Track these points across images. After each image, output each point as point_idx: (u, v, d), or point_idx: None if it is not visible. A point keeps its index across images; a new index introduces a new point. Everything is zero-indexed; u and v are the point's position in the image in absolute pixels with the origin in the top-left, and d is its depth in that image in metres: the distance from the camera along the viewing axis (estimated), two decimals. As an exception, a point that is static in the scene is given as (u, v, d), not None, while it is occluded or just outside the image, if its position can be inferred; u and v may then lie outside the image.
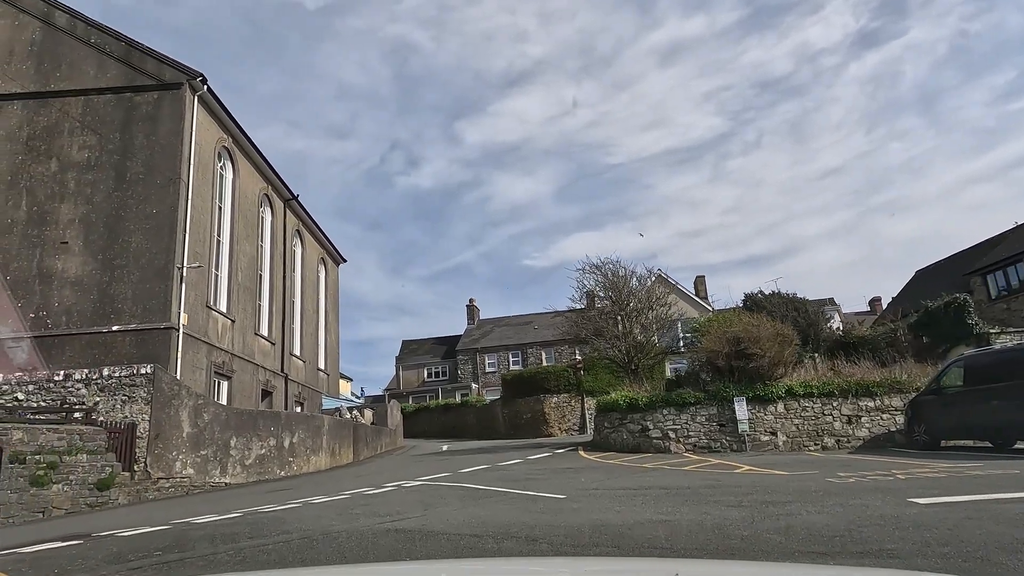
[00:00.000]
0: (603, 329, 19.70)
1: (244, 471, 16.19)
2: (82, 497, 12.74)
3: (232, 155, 22.34)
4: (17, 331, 16.72)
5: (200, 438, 15.61)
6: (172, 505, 12.09)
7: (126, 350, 16.96)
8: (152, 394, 15.41)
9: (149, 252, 17.77)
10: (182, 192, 18.37)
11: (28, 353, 16.32)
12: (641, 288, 19.35)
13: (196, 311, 18.72)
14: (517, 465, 14.58)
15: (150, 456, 14.99)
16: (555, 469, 13.18)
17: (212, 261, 20.20)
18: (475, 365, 51.03)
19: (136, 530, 8.12)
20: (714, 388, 16.51)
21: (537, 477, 11.72)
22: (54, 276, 17.58)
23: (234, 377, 20.84)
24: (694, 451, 16.24)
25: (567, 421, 29.56)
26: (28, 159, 18.54)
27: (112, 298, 17.41)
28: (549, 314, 55.32)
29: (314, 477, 16.09)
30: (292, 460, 17.42)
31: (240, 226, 22.54)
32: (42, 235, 17.91)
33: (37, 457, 12.30)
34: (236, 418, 16.38)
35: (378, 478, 13.97)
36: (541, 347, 50.54)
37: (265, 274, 25.18)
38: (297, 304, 28.61)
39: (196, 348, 18.44)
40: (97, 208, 18.12)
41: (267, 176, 25.33)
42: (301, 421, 18.04)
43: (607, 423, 17.77)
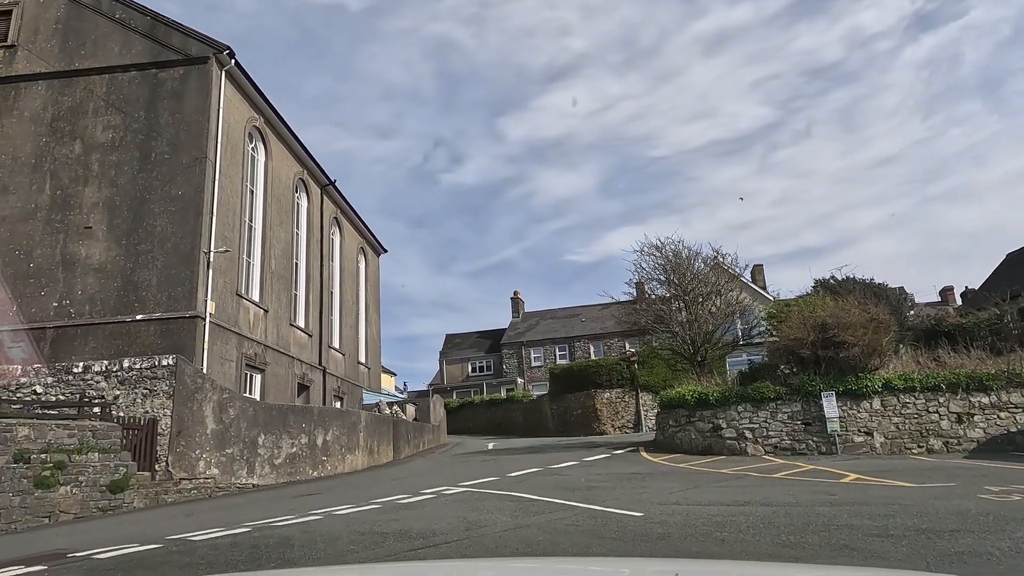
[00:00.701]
0: (664, 317, 17.73)
1: (273, 471, 14.89)
2: (93, 500, 11.55)
3: (264, 136, 21.16)
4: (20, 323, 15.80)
5: (225, 435, 14.36)
6: (185, 512, 10.76)
7: (150, 340, 15.86)
8: (174, 387, 14.22)
9: (174, 236, 16.64)
10: (209, 172, 17.19)
11: (28, 346, 15.37)
12: (708, 270, 17.29)
13: (225, 299, 17.55)
14: (574, 469, 12.82)
15: (172, 455, 13.79)
16: (619, 475, 11.37)
17: (242, 247, 19.02)
18: (520, 359, 49.38)
19: (120, 549, 6.70)
20: (797, 381, 14.41)
21: (600, 485, 9.94)
22: (77, 263, 16.62)
23: (267, 370, 19.67)
24: (775, 453, 14.19)
25: (620, 418, 27.62)
26: (52, 141, 17.66)
27: (136, 285, 16.35)
28: (597, 306, 53.38)
29: (348, 479, 14.67)
30: (326, 459, 16.06)
31: (273, 211, 21.36)
32: (65, 220, 16.98)
33: (43, 456, 11.15)
34: (265, 414, 15.09)
35: (416, 481, 12.41)
36: (589, 340, 48.54)
37: (301, 262, 24.01)
38: (336, 295, 27.43)
39: (225, 339, 17.26)
40: (121, 191, 17.10)
41: (302, 160, 24.14)
42: (335, 417, 16.67)
43: (672, 421, 15.84)
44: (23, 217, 17.05)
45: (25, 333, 16.10)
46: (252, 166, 20.68)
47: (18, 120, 17.89)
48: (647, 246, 18.07)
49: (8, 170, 17.49)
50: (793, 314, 15.26)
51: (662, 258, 17.93)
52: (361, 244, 31.54)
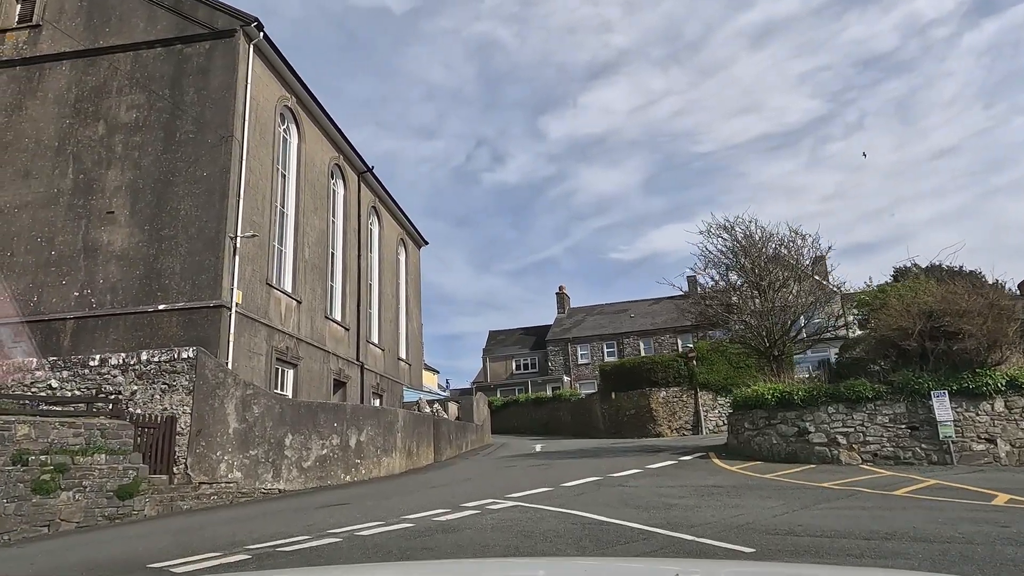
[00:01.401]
0: (737, 306, 15.72)
1: (302, 475, 13.54)
2: (98, 507, 10.34)
3: (296, 117, 19.96)
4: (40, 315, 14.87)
5: (249, 435, 13.07)
6: (197, 523, 9.42)
7: (172, 332, 14.73)
8: (194, 382, 12.99)
9: (199, 220, 15.49)
10: (235, 152, 16.00)
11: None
12: (786, 252, 15.18)
13: (254, 288, 16.34)
14: (639, 479, 11.04)
15: (191, 456, 12.55)
16: (696, 487, 9.54)
17: (273, 233, 17.82)
18: (566, 356, 47.51)
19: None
20: (900, 378, 12.29)
21: (679, 502, 8.15)
22: (99, 250, 15.64)
23: (300, 365, 18.43)
24: (874, 462, 12.10)
25: (678, 419, 25.57)
26: (76, 123, 16.76)
27: (159, 273, 15.25)
28: (646, 301, 51.17)
29: (383, 485, 13.21)
30: (359, 462, 14.65)
31: (307, 197, 20.15)
32: (88, 205, 16.03)
33: (44, 458, 9.97)
34: (292, 412, 13.76)
35: (458, 491, 10.83)
36: (639, 336, 46.35)
37: (337, 252, 22.78)
38: (374, 287, 26.18)
39: (253, 330, 16.05)
40: (145, 173, 16.05)
41: (338, 144, 22.91)
42: (370, 416, 15.26)
43: (748, 424, 13.86)
44: (45, 203, 16.18)
45: (44, 325, 15.18)
46: (284, 149, 19.50)
47: (42, 102, 17.07)
48: (714, 226, 16.10)
49: (31, 154, 16.66)
50: (891, 301, 13.11)
51: (731, 240, 15.94)
52: (401, 235, 30.26)
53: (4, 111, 17.11)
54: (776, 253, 15.50)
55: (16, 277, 15.70)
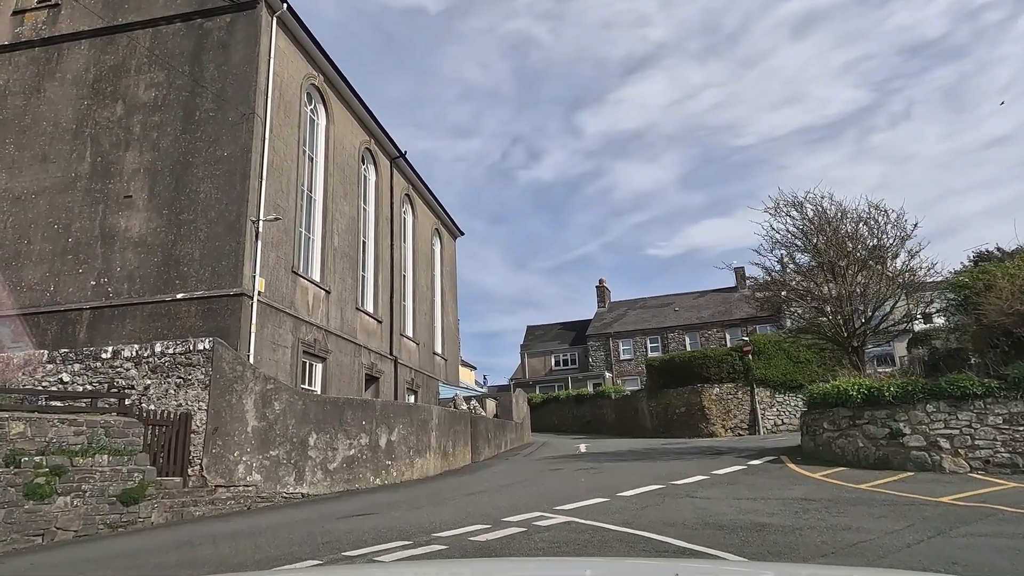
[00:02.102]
0: (810, 292, 13.96)
1: (327, 478, 12.36)
2: (99, 514, 9.29)
3: (324, 97, 18.86)
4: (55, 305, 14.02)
5: (269, 434, 11.94)
6: (201, 534, 8.26)
7: (191, 322, 13.73)
8: (211, 376, 11.91)
9: (219, 203, 14.47)
10: (257, 130, 14.93)
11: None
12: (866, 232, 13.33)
13: (278, 276, 15.27)
14: (709, 488, 9.49)
15: (207, 457, 11.47)
16: (784, 500, 7.97)
17: (299, 219, 16.73)
18: (608, 351, 45.77)
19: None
20: (1017, 372, 10.44)
21: (769, 520, 6.61)
22: (117, 236, 14.76)
23: (329, 359, 17.33)
24: (986, 470, 10.30)
25: (732, 417, 23.76)
26: (94, 104, 15.93)
27: (177, 260, 14.28)
28: (691, 294, 49.07)
29: (415, 490, 11.93)
30: (390, 463, 13.42)
31: (336, 181, 19.05)
32: (105, 189, 15.17)
33: (38, 459, 8.96)
34: (317, 408, 12.59)
35: (498, 500, 9.46)
36: (684, 331, 44.35)
37: (369, 241, 21.67)
38: (408, 278, 25.03)
39: (278, 321, 14.98)
40: (163, 154, 15.11)
41: (368, 127, 21.78)
42: (402, 413, 14.01)
43: (828, 424, 12.14)
44: (63, 188, 15.39)
45: (60, 316, 14.36)
46: (311, 130, 18.42)
47: (60, 83, 16.30)
48: (782, 203, 14.35)
49: (49, 138, 15.90)
50: (1000, 283, 11.24)
51: (801, 219, 14.19)
52: (436, 225, 29.06)
53: (23, 94, 16.41)
54: (854, 231, 13.69)
55: (33, 266, 14.93)
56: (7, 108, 16.36)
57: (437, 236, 29.30)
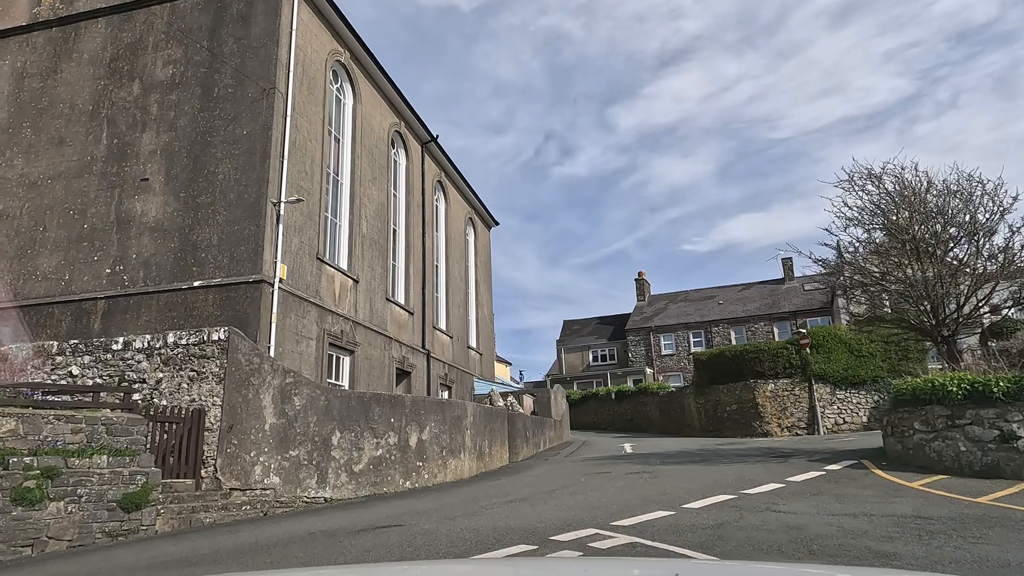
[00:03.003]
0: (887, 275, 12.32)
1: (352, 481, 11.27)
2: (97, 521, 8.32)
3: (351, 75, 17.82)
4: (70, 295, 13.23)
5: (289, 432, 10.89)
6: (197, 547, 7.19)
7: (208, 312, 12.80)
8: (226, 369, 10.92)
9: (238, 184, 13.52)
10: (278, 107, 13.94)
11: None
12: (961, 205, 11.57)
13: (301, 263, 14.27)
14: (790, 499, 8.06)
15: (221, 457, 10.48)
16: (893, 518, 6.51)
17: (324, 203, 15.72)
18: (648, 346, 44.06)
19: None
20: None
21: (889, 547, 5.20)
22: (132, 221, 13.93)
23: (358, 351, 16.30)
24: (1123, 481, 8.62)
25: (789, 415, 22.04)
26: (110, 84, 15.16)
27: (195, 246, 13.38)
28: (736, 287, 47.00)
29: (448, 495, 10.74)
30: (421, 465, 12.27)
31: (364, 165, 18.01)
32: (122, 172, 14.37)
33: (28, 459, 8.02)
34: (341, 404, 11.50)
35: (543, 510, 8.20)
36: (729, 324, 42.38)
37: (400, 229, 20.62)
38: (441, 269, 23.93)
39: (302, 311, 13.97)
40: (181, 134, 14.23)
41: (398, 109, 20.70)
42: (434, 410, 12.86)
43: (920, 424, 10.55)
44: (79, 171, 14.64)
45: (75, 306, 13.59)
46: (337, 110, 17.40)
47: (77, 64, 15.58)
48: (857, 176, 12.71)
49: (65, 120, 15.18)
50: None
51: (879, 193, 12.54)
52: (469, 214, 27.90)
53: (39, 76, 15.74)
54: (943, 205, 12.00)
55: (48, 254, 14.22)
56: (24, 91, 15.72)
57: (471, 225, 28.15)
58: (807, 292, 43.05)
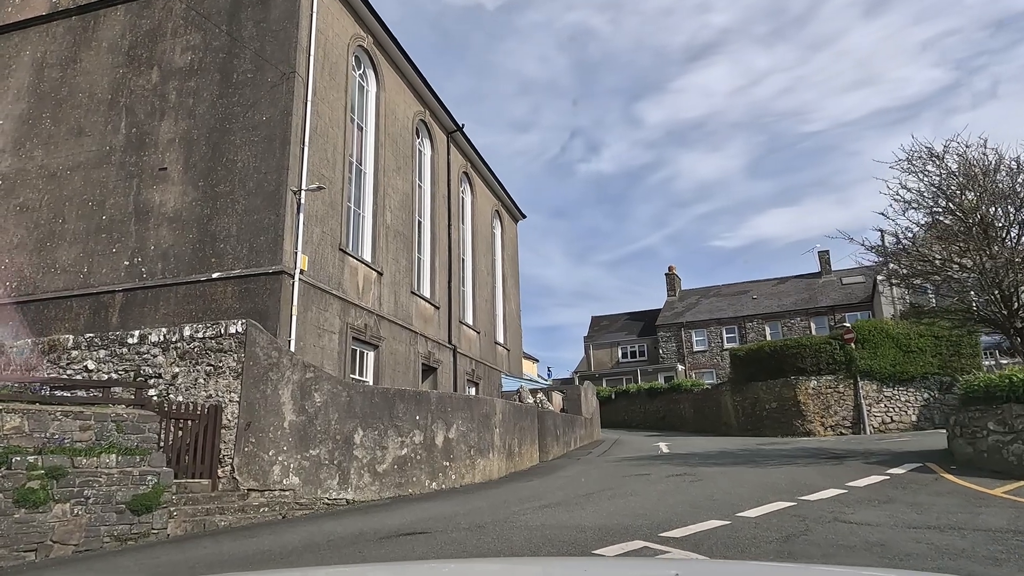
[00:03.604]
0: (948, 262, 11.32)
1: (375, 481, 10.66)
2: (105, 524, 7.82)
3: (374, 60, 17.25)
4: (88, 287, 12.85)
5: (309, 430, 10.33)
6: (205, 555, 6.63)
7: (227, 304, 12.32)
8: (243, 363, 10.40)
9: (257, 172, 13.02)
10: (299, 91, 13.41)
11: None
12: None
13: (323, 254, 13.73)
14: (857, 507, 7.22)
15: (238, 456, 9.96)
16: (998, 533, 5.66)
17: (347, 193, 15.18)
18: (680, 342, 42.95)
19: None
20: None
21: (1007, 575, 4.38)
22: (151, 212, 13.54)
23: (382, 346, 15.74)
24: None
25: (833, 414, 20.96)
26: (129, 72, 14.79)
27: (213, 236, 12.92)
28: (770, 281, 45.58)
29: (477, 498, 10.08)
30: (448, 465, 11.63)
31: (388, 154, 17.44)
32: (140, 162, 13.99)
33: (33, 458, 7.55)
34: (363, 401, 10.90)
35: (582, 518, 7.48)
36: (763, 320, 41.08)
37: (425, 221, 20.03)
38: (467, 262, 23.31)
39: (324, 303, 13.44)
40: (199, 121, 13.79)
41: (423, 98, 20.10)
42: (461, 407, 12.21)
43: (995, 424, 9.58)
44: (97, 162, 14.30)
45: (93, 299, 13.24)
46: (360, 97, 16.85)
47: (96, 52, 15.25)
48: (915, 157, 11.72)
49: (84, 110, 14.86)
50: None
51: (941, 175, 11.54)
52: (496, 206, 27.23)
53: (59, 65, 15.45)
54: (1015, 184, 10.96)
55: (67, 246, 13.90)
56: (44, 81, 15.45)
57: (497, 218, 27.48)
58: (845, 286, 41.56)
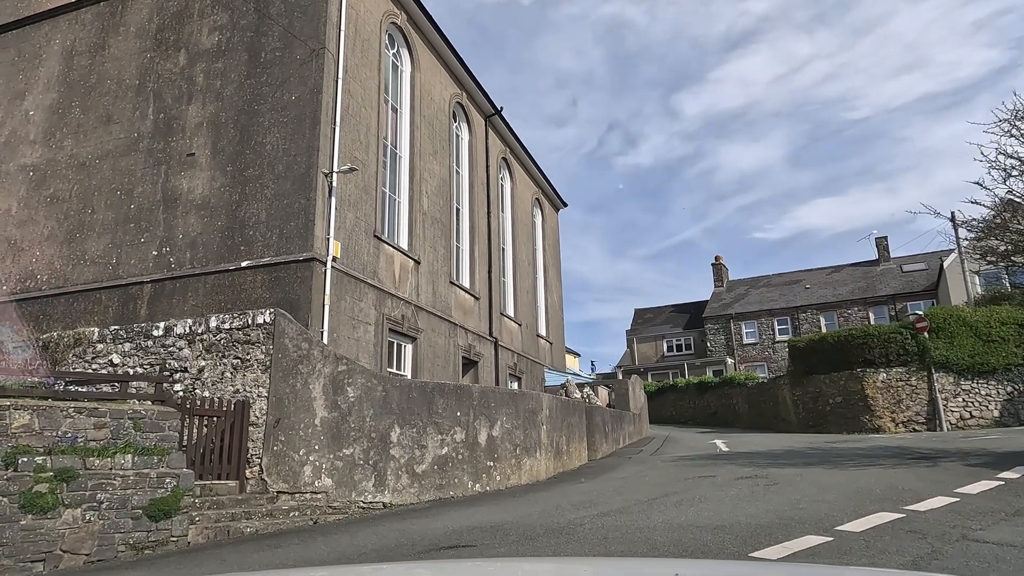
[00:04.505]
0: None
1: (414, 483, 9.82)
2: (120, 531, 7.13)
3: (408, 39, 16.43)
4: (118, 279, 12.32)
5: (342, 427, 9.54)
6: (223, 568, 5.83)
7: (257, 293, 11.65)
8: (271, 355, 9.67)
9: (287, 155, 12.32)
10: (329, 68, 12.66)
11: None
12: None
13: (357, 240, 12.97)
14: (991, 523, 6.02)
15: (267, 455, 9.23)
16: None
17: (381, 177, 14.39)
18: (729, 335, 41.25)
19: None
20: None
21: None
22: (179, 199, 12.98)
23: (421, 338, 14.94)
24: None
25: (905, 409, 19.36)
26: (157, 56, 14.29)
27: (242, 223, 12.27)
28: (824, 270, 43.49)
29: (525, 503, 9.13)
30: (492, 465, 10.71)
31: (424, 137, 16.62)
32: (168, 148, 13.45)
33: (41, 459, 6.90)
34: (400, 396, 10.06)
35: (651, 530, 6.45)
36: (818, 310, 39.10)
37: (463, 208, 19.18)
38: (507, 252, 22.40)
39: (358, 293, 12.68)
40: (227, 104, 13.17)
41: (460, 79, 19.22)
42: (505, 402, 11.28)
43: None
44: (126, 149, 13.84)
45: (121, 291, 12.75)
46: (394, 77, 16.06)
47: (124, 38, 14.80)
48: (1020, 117, 10.30)
49: (112, 97, 14.42)
50: None
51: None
52: (536, 194, 26.23)
53: (88, 53, 15.06)
54: None
55: (96, 237, 13.47)
56: (73, 70, 15.08)
57: (538, 206, 26.48)
58: (906, 273, 39.26)
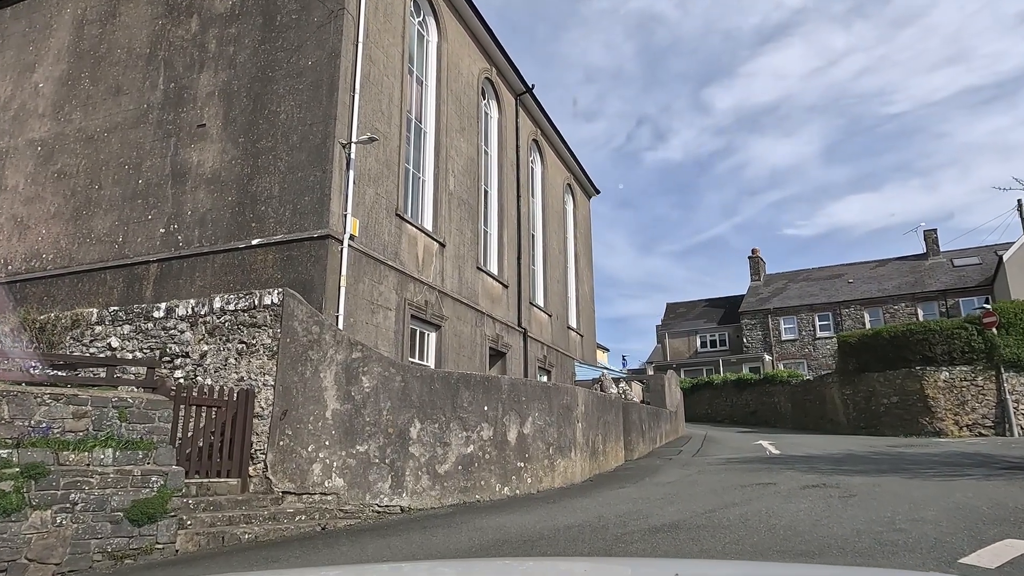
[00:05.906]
0: None
1: (435, 485, 8.77)
2: (96, 537, 6.20)
3: (435, 6, 15.35)
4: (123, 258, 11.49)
5: (356, 421, 8.52)
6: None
7: (268, 273, 10.70)
8: (279, 340, 8.69)
9: (302, 124, 11.35)
10: (348, 31, 11.64)
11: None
12: None
13: (378, 219, 11.97)
14: None
15: (272, 451, 8.27)
16: None
17: (404, 152, 13.36)
18: (767, 330, 39.53)
19: None
20: None
21: None
22: (188, 173, 12.11)
23: (445, 326, 13.91)
24: None
25: (970, 411, 17.79)
26: (168, 22, 13.44)
27: (254, 198, 11.34)
28: (868, 263, 41.46)
29: (561, 510, 8.01)
30: (523, 466, 9.62)
31: (451, 111, 15.55)
32: (177, 119, 12.59)
33: (7, 452, 5.99)
34: (421, 387, 9.01)
35: (719, 554, 5.30)
36: (862, 305, 37.19)
37: (491, 190, 18.09)
38: (537, 238, 21.26)
39: (378, 275, 11.67)
40: (240, 71, 12.25)
41: (489, 53, 18.10)
42: (537, 396, 10.17)
43: None
44: (135, 121, 13.02)
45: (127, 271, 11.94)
46: (420, 47, 15.01)
47: (135, 4, 13.98)
48: None
49: (123, 67, 13.62)
50: None
51: None
52: (567, 179, 25.01)
53: (99, 21, 14.29)
54: None
55: (103, 214, 12.68)
56: (84, 39, 14.33)
57: (569, 192, 25.25)
58: (957, 268, 37.14)
